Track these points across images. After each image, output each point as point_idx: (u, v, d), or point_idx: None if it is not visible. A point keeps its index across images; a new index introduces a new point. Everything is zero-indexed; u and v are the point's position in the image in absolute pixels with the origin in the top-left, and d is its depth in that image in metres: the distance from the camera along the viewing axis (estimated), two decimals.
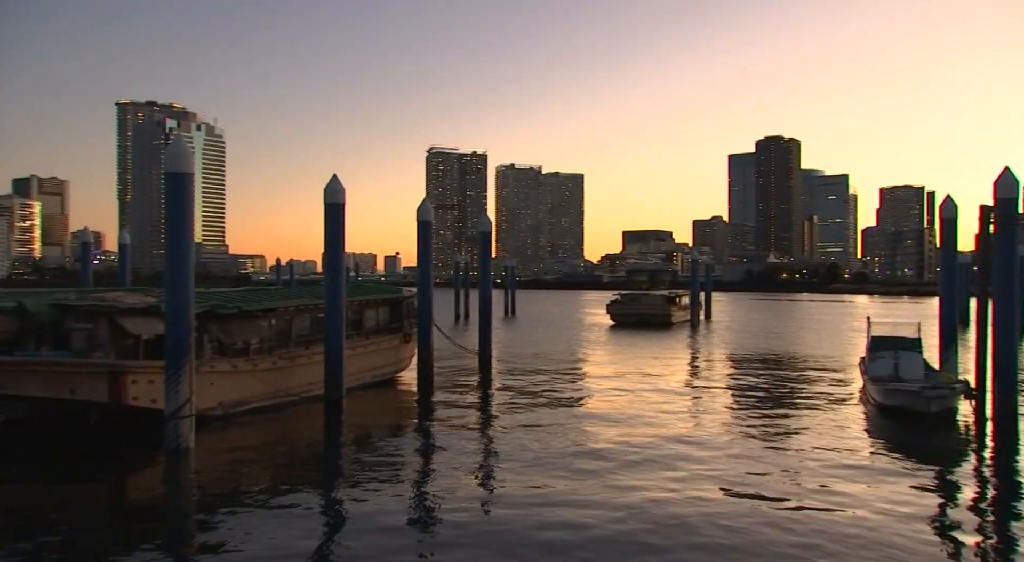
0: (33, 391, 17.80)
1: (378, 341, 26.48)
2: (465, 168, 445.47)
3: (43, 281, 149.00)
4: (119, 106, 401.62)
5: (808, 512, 12.47)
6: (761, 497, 13.32)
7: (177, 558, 10.93)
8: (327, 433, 19.72)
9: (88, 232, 47.22)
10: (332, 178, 21.85)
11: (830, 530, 11.57)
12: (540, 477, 14.55)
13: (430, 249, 27.82)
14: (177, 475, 15.18)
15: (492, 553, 10.73)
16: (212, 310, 19.60)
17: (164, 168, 17.38)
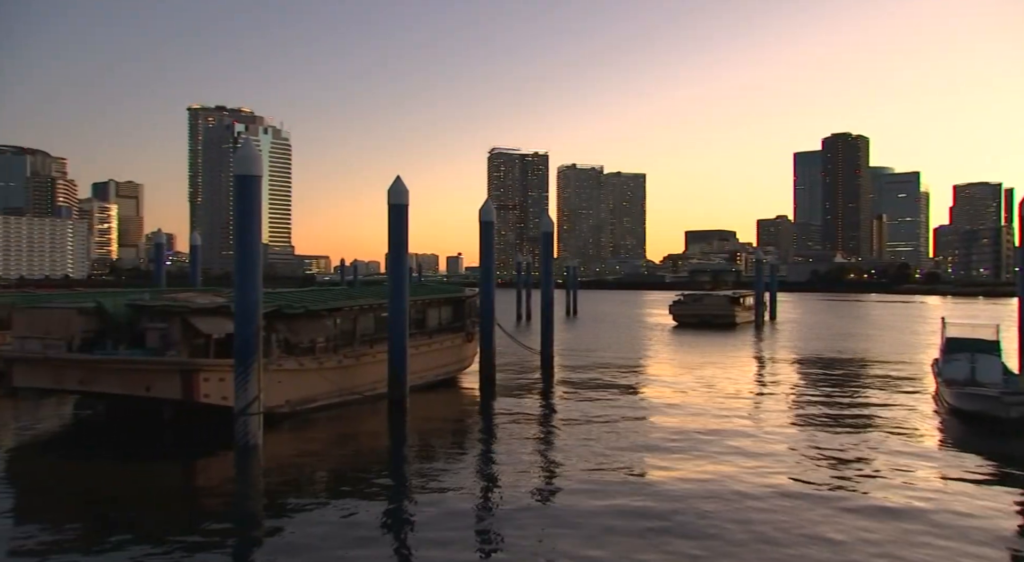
0: (112, 388, 18.46)
1: (441, 340, 26.69)
2: (527, 168, 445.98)
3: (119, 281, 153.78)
4: (190, 111, 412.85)
5: (879, 519, 12.18)
6: (829, 502, 13.05)
7: (243, 550, 11.22)
8: (391, 431, 19.95)
9: (161, 234, 48.74)
10: (396, 179, 22.09)
11: (904, 539, 11.28)
12: (603, 476, 14.50)
13: (492, 249, 27.90)
14: (246, 470, 15.54)
15: (556, 554, 10.74)
16: (279, 310, 20.00)
17: (233, 171, 17.81)
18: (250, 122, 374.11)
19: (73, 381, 18.63)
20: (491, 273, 27.67)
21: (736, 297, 65.75)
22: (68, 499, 13.76)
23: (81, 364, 18.44)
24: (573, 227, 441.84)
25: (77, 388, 18.94)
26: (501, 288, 32.75)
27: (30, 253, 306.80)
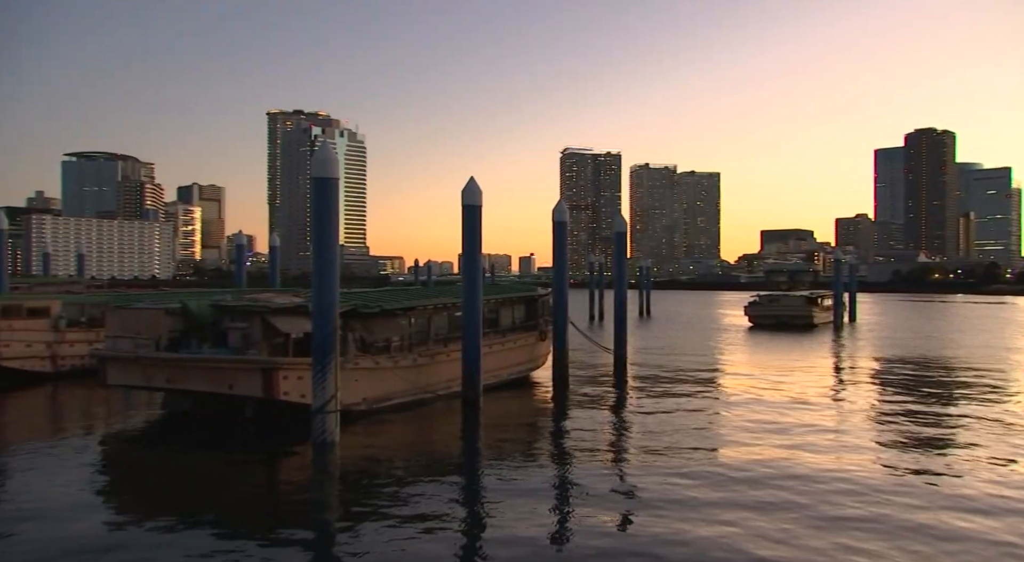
0: (197, 386, 19.10)
1: (514, 339, 26.79)
2: (599, 168, 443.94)
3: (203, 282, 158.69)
4: (269, 116, 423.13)
5: (981, 536, 11.76)
6: (921, 513, 12.65)
7: (320, 544, 11.47)
8: (464, 430, 20.11)
9: (242, 235, 50.12)
10: (469, 180, 22.26)
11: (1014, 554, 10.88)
12: (678, 479, 14.35)
13: (565, 249, 27.88)
14: (323, 466, 15.87)
15: (632, 556, 10.68)
16: (355, 309, 20.34)
17: (311, 173, 18.20)
18: (326, 125, 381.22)
19: (161, 379, 19.35)
20: (564, 273, 27.65)
21: (814, 298, 64.17)
22: (156, 492, 14.29)
23: (168, 363, 19.12)
24: (646, 227, 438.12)
25: (165, 386, 19.66)
26: (573, 288, 32.73)
27: (121, 254, 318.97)
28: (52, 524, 11.85)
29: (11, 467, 15.84)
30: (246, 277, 46.31)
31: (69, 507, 12.74)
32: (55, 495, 13.45)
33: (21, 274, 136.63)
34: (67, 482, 14.33)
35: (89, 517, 12.26)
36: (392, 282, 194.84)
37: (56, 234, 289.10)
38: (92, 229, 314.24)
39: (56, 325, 28.72)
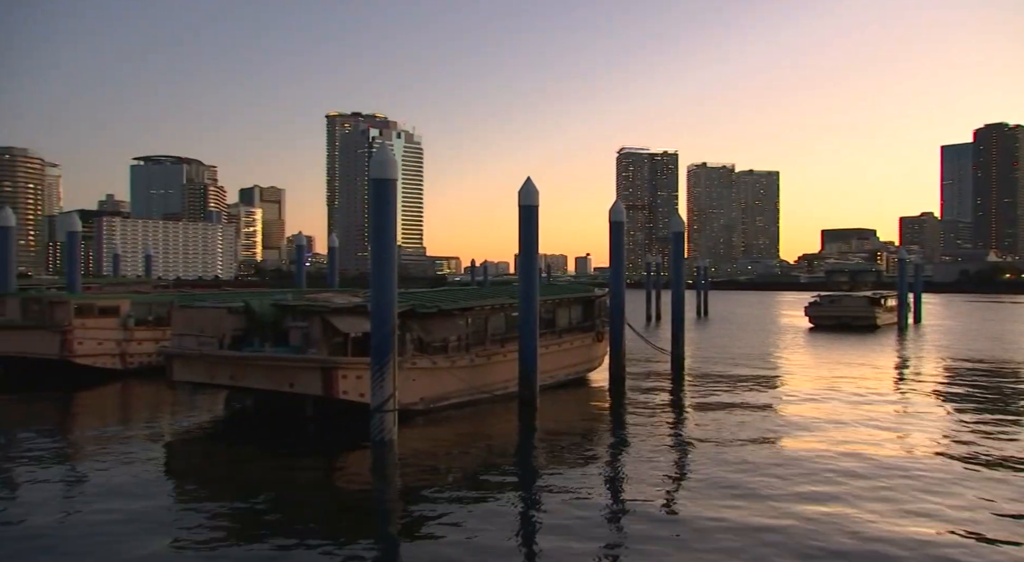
0: (259, 384, 19.51)
1: (571, 340, 26.74)
2: (656, 168, 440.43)
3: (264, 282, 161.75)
4: (328, 118, 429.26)
5: None
6: (983, 535, 12.29)
7: (378, 542, 11.62)
8: (521, 430, 20.14)
9: (302, 236, 51.02)
10: (526, 180, 22.30)
11: None
12: (734, 481, 14.18)
13: (622, 249, 27.76)
14: (382, 465, 16.06)
15: (690, 557, 10.60)
16: (413, 309, 20.53)
17: (369, 175, 18.42)
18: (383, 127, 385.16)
19: (224, 376, 19.80)
20: (621, 273, 27.54)
21: (877, 298, 62.68)
22: (218, 487, 14.65)
23: (231, 360, 19.57)
24: (703, 227, 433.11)
25: (228, 383, 20.11)
26: (630, 288, 32.54)
27: (185, 255, 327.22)
28: (117, 520, 12.21)
29: (83, 461, 16.38)
30: (305, 277, 47.09)
31: (133, 503, 13.11)
32: (122, 490, 13.86)
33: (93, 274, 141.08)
34: (133, 477, 14.76)
35: (152, 513, 12.60)
36: (449, 282, 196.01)
37: (125, 236, 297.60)
38: (159, 231, 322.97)
39: (125, 324, 29.60)
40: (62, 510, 12.69)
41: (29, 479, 14.86)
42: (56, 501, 13.24)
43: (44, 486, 14.22)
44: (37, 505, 12.93)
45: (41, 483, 14.44)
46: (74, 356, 28.42)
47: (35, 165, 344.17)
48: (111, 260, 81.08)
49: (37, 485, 14.31)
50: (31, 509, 12.75)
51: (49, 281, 69.26)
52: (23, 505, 13.10)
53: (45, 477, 14.90)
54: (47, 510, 12.63)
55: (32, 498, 13.43)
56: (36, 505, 12.94)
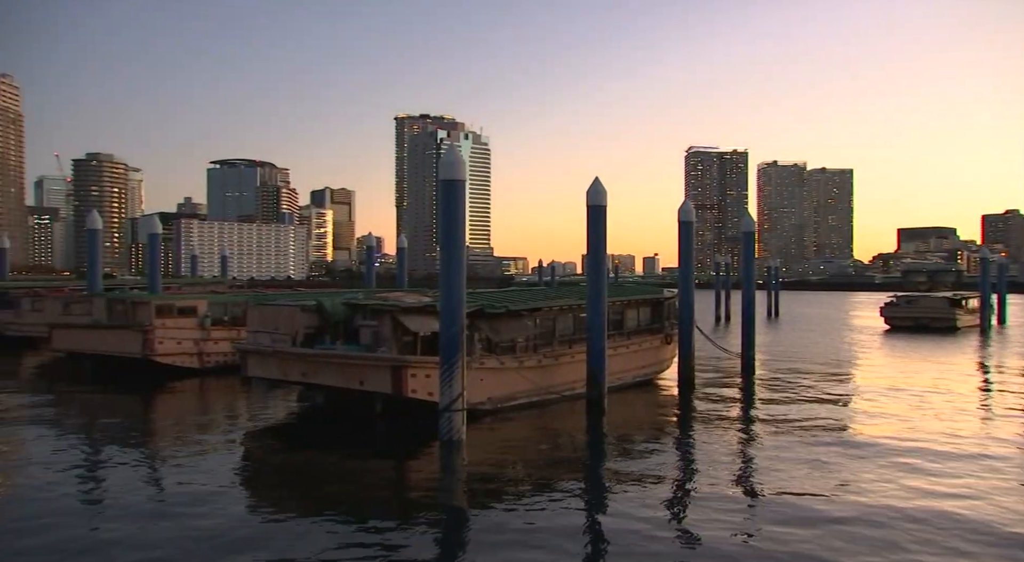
0: (331, 381, 19.88)
1: (639, 341, 26.55)
2: (725, 167, 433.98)
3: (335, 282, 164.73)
4: (397, 120, 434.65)
5: None
6: None
7: (445, 540, 11.72)
8: (589, 431, 20.07)
9: (372, 237, 51.76)
10: (594, 181, 22.22)
11: None
12: (805, 488, 13.90)
13: (691, 250, 27.46)
14: (450, 464, 16.19)
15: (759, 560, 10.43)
16: (481, 309, 20.65)
17: (438, 176, 18.61)
18: (451, 128, 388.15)
19: (297, 373, 20.23)
20: (690, 274, 27.25)
21: (958, 299, 60.56)
22: (290, 483, 14.96)
23: (304, 358, 19.98)
24: (774, 226, 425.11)
25: (300, 380, 20.53)
26: (699, 289, 32.14)
27: (259, 256, 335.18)
28: (194, 514, 12.58)
29: (163, 456, 16.94)
30: (375, 277, 47.79)
31: (208, 497, 13.50)
32: (199, 484, 14.28)
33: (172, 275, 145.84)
34: (210, 471, 15.21)
35: (227, 509, 12.93)
36: (516, 283, 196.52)
37: (202, 237, 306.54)
38: (233, 232, 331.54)
39: (202, 324, 30.46)
40: (143, 502, 13.14)
41: (113, 472, 15.43)
42: (137, 493, 13.71)
43: (127, 478, 14.72)
44: (119, 496, 13.43)
45: (124, 476, 14.96)
46: (155, 355, 29.38)
47: (119, 170, 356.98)
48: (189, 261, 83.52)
49: (120, 477, 14.82)
50: (113, 501, 13.25)
51: (132, 281, 71.75)
52: (106, 497, 13.61)
53: (128, 470, 15.46)
54: (128, 501, 13.10)
55: (115, 490, 13.94)
56: (118, 496, 13.44)
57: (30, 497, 13.50)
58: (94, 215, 39.16)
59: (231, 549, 10.84)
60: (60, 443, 17.96)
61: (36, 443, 18.07)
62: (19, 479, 15.02)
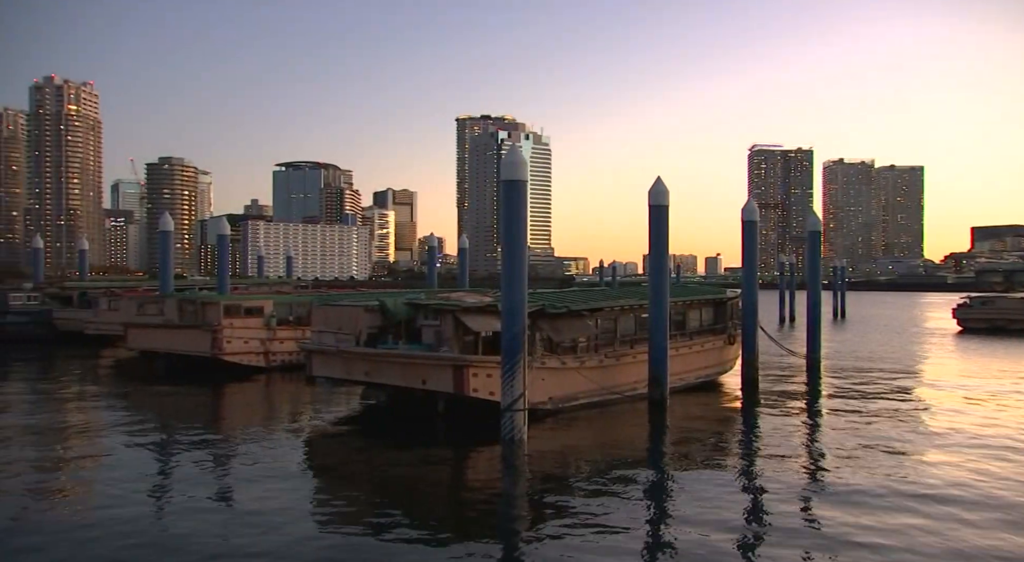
0: (393, 380, 20.13)
1: (702, 342, 26.27)
2: (789, 165, 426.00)
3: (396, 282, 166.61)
4: (458, 121, 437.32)
5: None
6: None
7: (505, 538, 11.77)
8: (650, 432, 19.94)
9: (433, 238, 52.27)
10: (656, 180, 22.07)
11: None
12: (871, 494, 13.58)
13: (755, 249, 27.07)
14: (511, 463, 16.25)
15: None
16: (543, 309, 20.66)
17: (499, 176, 18.67)
18: (512, 129, 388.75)
19: (360, 372, 20.54)
20: (754, 274, 26.87)
21: None
22: (354, 480, 15.21)
23: (367, 357, 20.27)
24: (840, 225, 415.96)
25: (363, 379, 20.84)
26: (762, 289, 31.62)
27: (323, 257, 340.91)
28: (260, 509, 12.86)
29: (231, 450, 17.38)
30: (436, 278, 48.22)
31: (275, 492, 13.80)
32: (265, 478, 14.60)
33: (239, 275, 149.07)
34: (276, 466, 15.55)
35: (292, 503, 13.23)
36: (577, 283, 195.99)
37: (268, 238, 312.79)
38: (298, 233, 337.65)
39: (268, 323, 31.13)
40: (213, 495, 13.51)
41: (185, 466, 15.88)
42: (207, 486, 14.10)
43: (198, 471, 15.16)
44: (190, 489, 13.82)
45: (195, 470, 15.39)
46: (223, 354, 30.12)
47: (189, 173, 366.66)
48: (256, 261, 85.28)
49: (191, 471, 15.26)
50: (184, 494, 13.63)
51: (201, 282, 73.67)
52: (178, 491, 14.01)
53: (199, 463, 15.90)
54: (198, 495, 13.47)
55: (186, 483, 14.34)
56: (189, 489, 13.83)
57: (105, 492, 13.98)
58: (166, 217, 40.30)
59: (294, 544, 11.06)
60: (134, 439, 18.55)
61: (113, 438, 18.69)
62: (96, 473, 15.56)
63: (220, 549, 10.83)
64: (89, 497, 13.81)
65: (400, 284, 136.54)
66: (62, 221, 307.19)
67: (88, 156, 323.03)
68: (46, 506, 13.04)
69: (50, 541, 11.16)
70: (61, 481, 14.91)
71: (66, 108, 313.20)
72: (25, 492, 13.74)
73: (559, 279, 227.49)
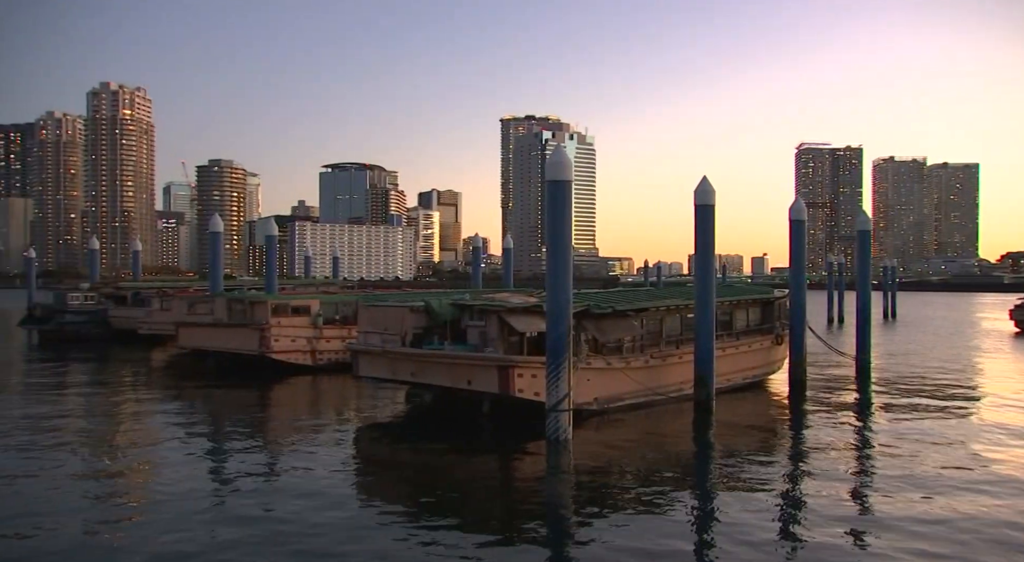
0: (438, 380, 20.23)
1: (748, 342, 25.99)
2: (838, 163, 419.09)
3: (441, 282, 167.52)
4: (502, 122, 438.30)
5: None
6: None
7: (550, 539, 11.77)
8: (696, 433, 19.79)
9: (478, 238, 52.43)
10: (702, 180, 21.89)
11: None
12: (923, 503, 13.29)
13: (803, 249, 26.70)
14: (556, 464, 16.22)
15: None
16: (588, 309, 20.60)
17: (544, 177, 18.67)
18: (556, 129, 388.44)
19: (406, 372, 20.69)
20: (802, 273, 26.51)
21: None
22: (399, 479, 15.34)
23: (412, 357, 20.41)
24: (891, 224, 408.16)
25: (409, 379, 20.99)
26: (810, 289, 31.18)
27: (368, 257, 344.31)
28: (307, 507, 13.03)
29: (279, 448, 17.65)
30: (481, 278, 48.38)
31: (321, 491, 13.96)
32: (312, 478, 14.79)
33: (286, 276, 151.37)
34: (323, 465, 15.72)
35: (338, 502, 13.36)
36: (621, 283, 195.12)
37: (315, 239, 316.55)
38: (344, 234, 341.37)
39: (315, 322, 31.52)
40: (262, 491, 13.72)
41: (234, 462, 16.16)
42: (256, 482, 14.33)
43: (247, 468, 15.38)
44: (238, 483, 14.07)
45: (244, 467, 15.63)
46: (271, 352, 30.58)
47: (238, 175, 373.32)
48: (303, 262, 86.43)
49: (241, 468, 15.49)
50: (234, 489, 13.88)
51: (250, 282, 74.88)
52: (227, 486, 14.27)
53: (247, 461, 16.15)
54: (247, 491, 13.71)
55: (235, 478, 14.59)
56: (238, 483, 14.08)
57: (158, 490, 14.30)
58: (216, 219, 41.01)
59: (341, 543, 11.19)
60: (183, 437, 18.96)
61: (165, 434, 19.09)
62: (149, 472, 15.90)
63: (265, 548, 10.99)
64: (143, 497, 14.12)
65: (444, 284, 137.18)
66: (117, 223, 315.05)
67: (141, 159, 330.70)
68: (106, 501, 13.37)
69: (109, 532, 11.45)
70: (116, 484, 15.23)
71: (121, 113, 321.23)
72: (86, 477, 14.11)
73: (603, 279, 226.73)
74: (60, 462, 15.87)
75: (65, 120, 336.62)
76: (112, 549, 10.93)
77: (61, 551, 10.76)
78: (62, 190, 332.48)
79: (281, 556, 10.62)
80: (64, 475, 14.84)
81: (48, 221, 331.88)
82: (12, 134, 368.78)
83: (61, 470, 15.19)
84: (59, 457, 16.30)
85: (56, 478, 14.57)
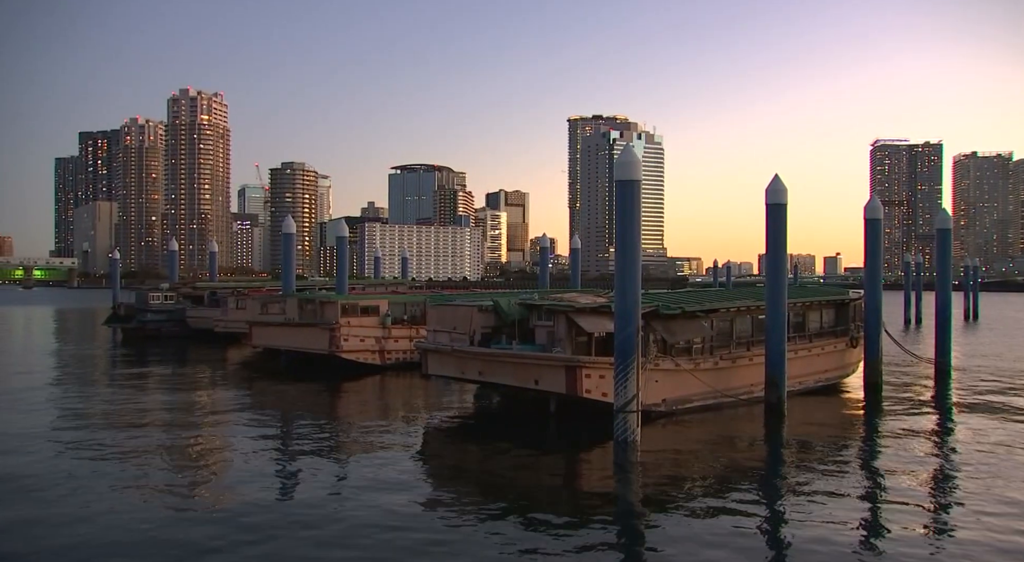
0: (506, 380, 20.31)
1: (822, 344, 25.41)
2: (915, 160, 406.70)
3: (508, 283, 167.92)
4: (570, 122, 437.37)
5: None
6: None
7: (617, 541, 11.71)
8: (767, 437, 19.43)
9: (545, 238, 52.36)
10: (774, 178, 21.50)
11: None
12: (997, 515, 12.83)
13: (879, 249, 26.00)
14: (623, 465, 16.14)
15: None
16: (656, 310, 20.41)
17: (613, 176, 18.57)
18: (624, 129, 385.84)
19: (474, 371, 20.82)
20: (878, 274, 25.83)
21: None
22: (467, 478, 15.45)
23: (480, 356, 20.53)
24: (972, 223, 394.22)
25: (477, 378, 21.12)
26: (886, 290, 30.26)
27: (436, 257, 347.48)
28: (375, 505, 13.22)
29: (349, 446, 17.95)
30: (548, 278, 48.38)
31: (390, 489, 14.16)
32: (382, 476, 15.01)
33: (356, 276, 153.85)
34: (392, 463, 15.96)
35: (407, 501, 13.51)
36: (690, 283, 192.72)
37: (384, 239, 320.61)
38: (412, 234, 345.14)
39: (384, 322, 31.95)
40: (332, 489, 13.98)
41: (305, 460, 16.49)
42: (326, 479, 14.62)
43: (317, 466, 15.71)
44: (310, 481, 14.37)
45: (314, 464, 15.97)
46: (340, 352, 31.10)
47: (310, 177, 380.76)
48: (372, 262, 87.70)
49: (311, 465, 15.83)
50: (305, 487, 14.18)
51: (321, 282, 76.27)
52: (298, 483, 14.58)
53: (318, 458, 16.50)
54: (318, 489, 13.98)
55: (306, 476, 14.91)
56: (309, 481, 14.38)
57: (225, 484, 14.69)
58: (288, 220, 41.88)
59: (410, 543, 11.32)
60: (259, 432, 19.43)
61: (238, 431, 19.59)
62: (222, 469, 16.35)
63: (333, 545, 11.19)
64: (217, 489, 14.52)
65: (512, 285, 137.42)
66: (194, 225, 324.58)
67: (218, 163, 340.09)
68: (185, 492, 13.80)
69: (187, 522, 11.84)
70: (190, 474, 15.69)
71: (199, 118, 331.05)
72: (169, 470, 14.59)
73: (671, 279, 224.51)
74: (143, 455, 16.42)
75: (148, 126, 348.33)
76: (193, 531, 11.28)
77: (142, 539, 11.14)
78: (144, 194, 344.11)
79: (350, 549, 10.81)
80: (146, 469, 15.37)
81: (131, 223, 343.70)
82: (100, 141, 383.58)
83: (143, 461, 15.74)
84: (144, 442, 16.87)
85: (143, 466, 15.12)
